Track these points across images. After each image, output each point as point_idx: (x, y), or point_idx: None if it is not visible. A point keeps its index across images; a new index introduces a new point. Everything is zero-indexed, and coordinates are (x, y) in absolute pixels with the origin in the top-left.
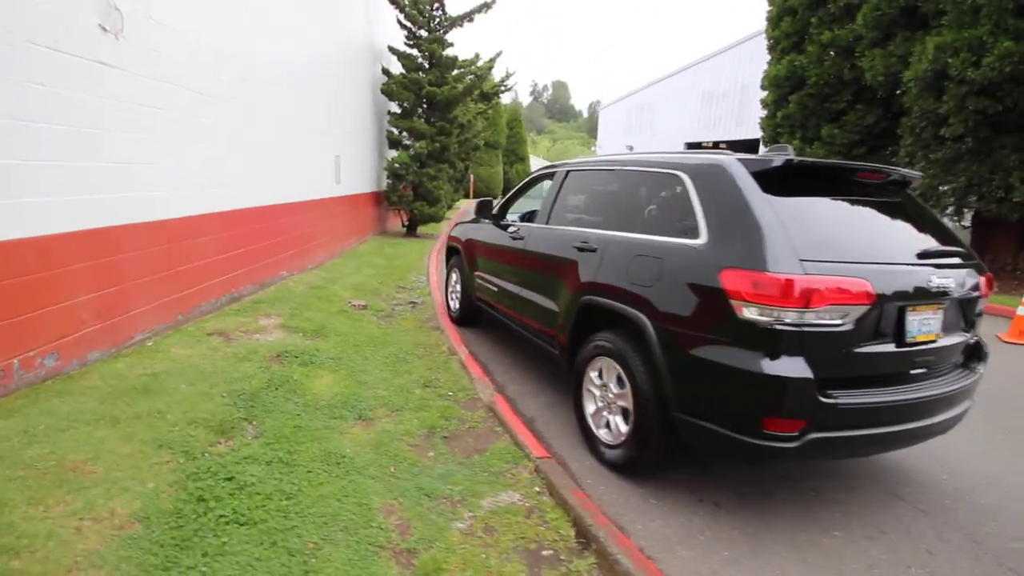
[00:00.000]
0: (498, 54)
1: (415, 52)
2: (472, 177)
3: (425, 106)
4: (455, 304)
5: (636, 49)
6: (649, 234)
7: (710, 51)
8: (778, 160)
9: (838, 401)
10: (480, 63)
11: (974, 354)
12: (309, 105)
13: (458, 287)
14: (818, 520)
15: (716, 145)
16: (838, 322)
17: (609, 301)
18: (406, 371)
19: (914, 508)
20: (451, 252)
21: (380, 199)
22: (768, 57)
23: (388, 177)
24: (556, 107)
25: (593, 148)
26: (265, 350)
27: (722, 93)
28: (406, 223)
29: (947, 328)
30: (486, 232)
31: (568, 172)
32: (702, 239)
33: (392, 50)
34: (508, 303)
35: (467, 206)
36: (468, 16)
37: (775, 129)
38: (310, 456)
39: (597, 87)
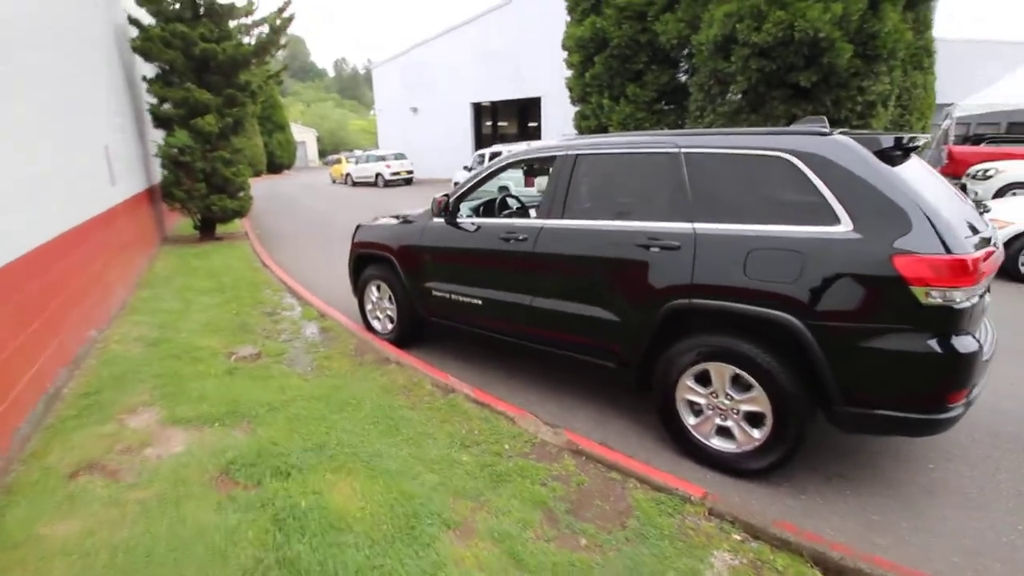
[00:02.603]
0: (288, 2)
1: None
2: None
3: (194, 68)
4: (383, 325)
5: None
6: (759, 224)
7: (480, 9)
8: (887, 139)
9: (984, 359)
10: (261, 15)
11: None
12: (57, 75)
13: (386, 303)
14: (910, 459)
15: (494, 105)
16: (982, 290)
17: (726, 304)
18: (422, 435)
19: None
20: (365, 262)
21: (154, 196)
22: (548, 18)
23: (164, 166)
24: (296, 65)
25: (372, 112)
26: (195, 474)
27: (499, 53)
28: (198, 224)
29: None
30: (439, 235)
31: (578, 156)
32: (844, 226)
33: None
34: (509, 316)
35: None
36: None
37: (584, 88)
38: None
39: (341, 44)
